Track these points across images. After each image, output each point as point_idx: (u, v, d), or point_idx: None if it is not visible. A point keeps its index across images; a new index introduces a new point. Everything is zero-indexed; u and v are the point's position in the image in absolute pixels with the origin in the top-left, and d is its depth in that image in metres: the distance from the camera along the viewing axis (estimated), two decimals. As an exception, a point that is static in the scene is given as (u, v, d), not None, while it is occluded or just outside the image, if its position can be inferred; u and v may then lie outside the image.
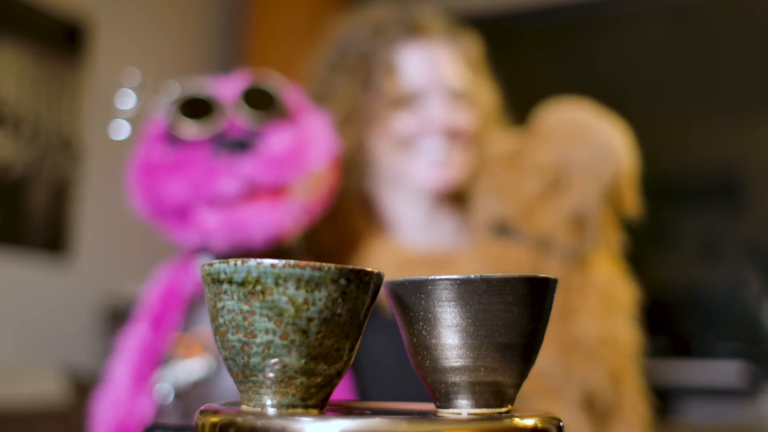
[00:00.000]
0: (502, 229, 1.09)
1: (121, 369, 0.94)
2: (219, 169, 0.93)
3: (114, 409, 0.92)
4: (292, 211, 0.95)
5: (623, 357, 1.06)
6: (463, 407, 0.45)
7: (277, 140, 0.95)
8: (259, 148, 0.94)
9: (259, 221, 0.93)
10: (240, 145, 0.94)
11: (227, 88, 1.00)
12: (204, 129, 0.95)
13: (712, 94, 2.59)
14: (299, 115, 1.01)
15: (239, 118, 0.96)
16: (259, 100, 0.98)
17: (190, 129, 0.95)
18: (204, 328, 0.94)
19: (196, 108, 0.96)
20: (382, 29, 1.17)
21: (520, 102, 1.23)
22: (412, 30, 1.16)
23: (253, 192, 0.93)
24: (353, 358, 0.45)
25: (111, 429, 0.91)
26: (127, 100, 0.95)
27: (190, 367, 0.92)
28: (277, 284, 0.41)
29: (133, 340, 0.95)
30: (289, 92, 1.02)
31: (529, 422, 0.42)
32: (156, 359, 0.94)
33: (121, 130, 0.96)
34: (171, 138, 0.97)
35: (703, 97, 2.60)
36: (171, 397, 0.91)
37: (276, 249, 0.96)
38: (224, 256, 0.95)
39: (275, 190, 0.94)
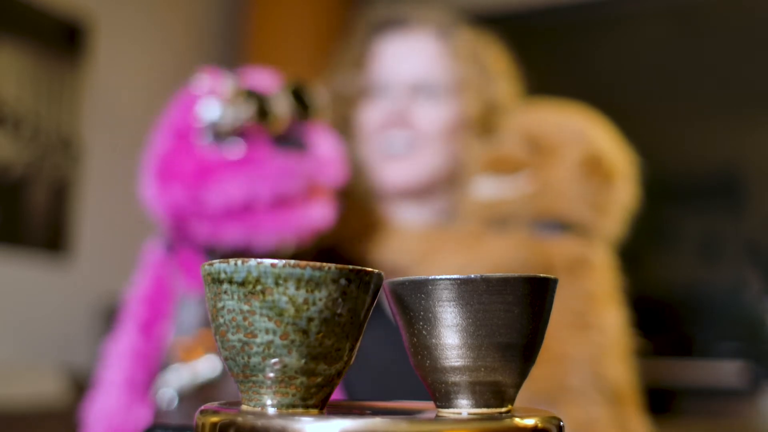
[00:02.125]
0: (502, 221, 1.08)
1: (112, 375, 0.92)
2: (285, 167, 0.93)
3: (108, 417, 0.90)
4: (332, 210, 0.98)
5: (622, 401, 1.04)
6: (463, 407, 0.45)
7: (323, 142, 0.98)
8: (312, 147, 0.97)
9: (316, 218, 0.95)
10: (298, 144, 0.96)
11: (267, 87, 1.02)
12: (263, 127, 0.95)
13: (712, 94, 2.59)
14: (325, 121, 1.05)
15: (288, 119, 0.98)
16: (302, 102, 1.00)
17: (252, 127, 0.95)
18: (204, 329, 0.94)
19: (254, 106, 0.96)
20: (369, 25, 1.17)
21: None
22: (395, 23, 1.15)
23: (311, 190, 0.95)
24: (353, 358, 0.45)
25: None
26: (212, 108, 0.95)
27: (194, 371, 0.91)
28: (277, 284, 0.41)
29: (122, 345, 0.93)
30: (319, 93, 1.04)
31: (530, 422, 0.42)
32: (150, 365, 0.93)
33: (211, 109, 0.94)
34: (226, 136, 0.94)
35: (703, 97, 2.60)
36: (176, 402, 0.90)
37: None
38: (229, 255, 0.94)
39: (325, 190, 0.97)
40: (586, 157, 1.07)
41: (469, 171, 1.12)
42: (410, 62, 1.13)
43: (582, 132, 1.10)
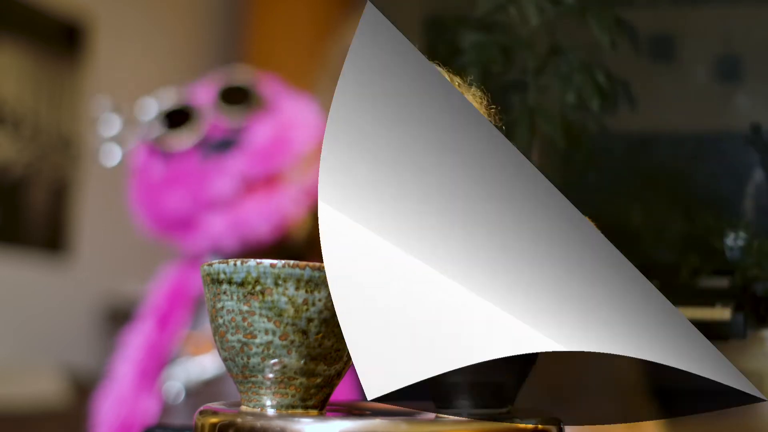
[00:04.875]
0: None
1: (125, 367, 0.94)
2: (210, 171, 0.94)
3: (118, 407, 0.92)
4: (292, 195, 0.97)
5: None
6: (463, 407, 0.45)
7: (261, 131, 0.97)
8: (245, 143, 0.96)
9: (262, 211, 0.94)
10: (226, 144, 0.96)
11: (202, 93, 1.02)
12: (188, 137, 0.97)
13: (712, 94, 2.59)
14: (277, 102, 1.02)
15: (220, 119, 0.98)
16: (236, 97, 1.00)
17: (175, 140, 0.97)
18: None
19: (177, 118, 0.98)
20: None
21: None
22: None
23: (249, 186, 0.95)
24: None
25: (114, 428, 0.91)
26: (110, 125, 0.98)
27: (202, 365, 0.91)
28: (276, 284, 0.41)
29: (139, 338, 0.96)
30: (263, 82, 1.04)
31: (530, 422, 0.42)
32: (162, 358, 0.94)
33: (113, 156, 0.98)
34: (161, 153, 0.98)
35: (703, 97, 2.60)
36: (182, 396, 0.91)
37: (284, 243, 0.97)
38: (235, 255, 0.95)
39: (270, 180, 0.96)
40: None
41: None
42: None
43: None
